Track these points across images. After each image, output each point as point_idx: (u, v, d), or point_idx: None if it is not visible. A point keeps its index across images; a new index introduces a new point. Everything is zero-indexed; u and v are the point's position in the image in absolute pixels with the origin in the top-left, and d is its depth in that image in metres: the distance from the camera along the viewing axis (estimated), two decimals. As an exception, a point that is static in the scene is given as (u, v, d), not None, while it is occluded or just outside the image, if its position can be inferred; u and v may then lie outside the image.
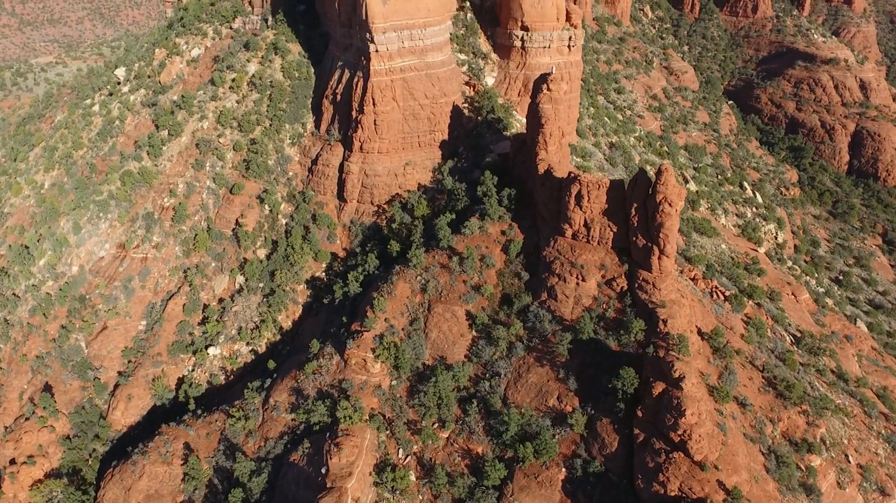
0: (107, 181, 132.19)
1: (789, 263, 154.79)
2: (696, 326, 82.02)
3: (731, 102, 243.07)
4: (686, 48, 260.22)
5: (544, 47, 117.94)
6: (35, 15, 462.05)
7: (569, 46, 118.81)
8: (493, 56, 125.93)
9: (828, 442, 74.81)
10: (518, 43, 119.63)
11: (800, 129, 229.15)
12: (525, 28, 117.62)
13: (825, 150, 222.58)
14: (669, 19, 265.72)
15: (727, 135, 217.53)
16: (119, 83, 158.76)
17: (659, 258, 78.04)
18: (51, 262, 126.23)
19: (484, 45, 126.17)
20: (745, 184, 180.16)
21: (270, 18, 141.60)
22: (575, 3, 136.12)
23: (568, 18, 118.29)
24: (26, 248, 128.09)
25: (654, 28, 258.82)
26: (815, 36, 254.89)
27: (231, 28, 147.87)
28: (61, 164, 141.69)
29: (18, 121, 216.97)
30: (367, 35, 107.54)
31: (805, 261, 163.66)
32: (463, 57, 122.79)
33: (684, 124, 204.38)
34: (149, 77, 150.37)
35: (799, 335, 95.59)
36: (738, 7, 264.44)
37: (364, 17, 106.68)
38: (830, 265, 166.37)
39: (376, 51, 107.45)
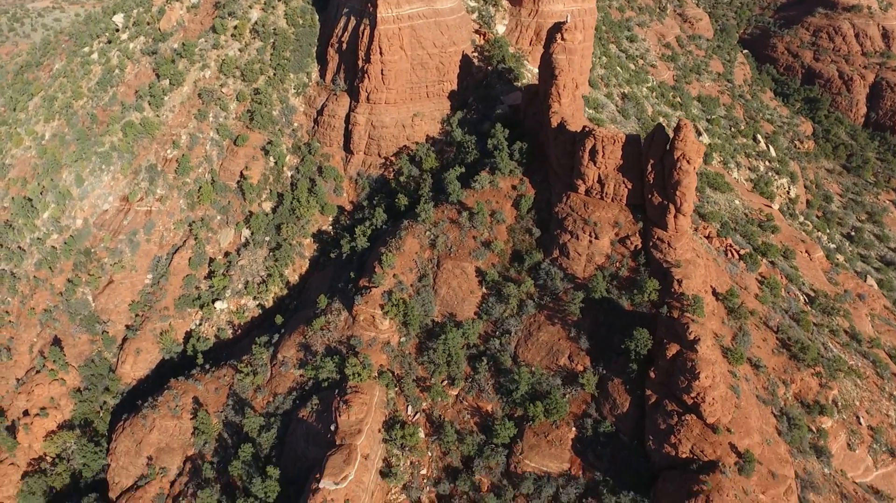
0: (108, 132, 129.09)
1: (801, 219, 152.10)
2: (711, 286, 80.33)
3: (746, 51, 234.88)
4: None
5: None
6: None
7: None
8: (504, 3, 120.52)
9: (839, 404, 74.03)
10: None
11: (816, 80, 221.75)
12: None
13: (842, 102, 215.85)
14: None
15: (741, 85, 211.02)
16: (118, 30, 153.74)
17: (675, 216, 75.52)
18: (54, 215, 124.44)
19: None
20: (759, 136, 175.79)
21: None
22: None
23: None
24: (29, 200, 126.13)
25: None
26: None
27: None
28: (61, 114, 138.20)
29: (16, 69, 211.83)
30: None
31: (817, 217, 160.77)
32: (473, 4, 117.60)
33: (697, 74, 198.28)
34: (148, 24, 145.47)
35: (813, 295, 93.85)
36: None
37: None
38: (843, 221, 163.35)
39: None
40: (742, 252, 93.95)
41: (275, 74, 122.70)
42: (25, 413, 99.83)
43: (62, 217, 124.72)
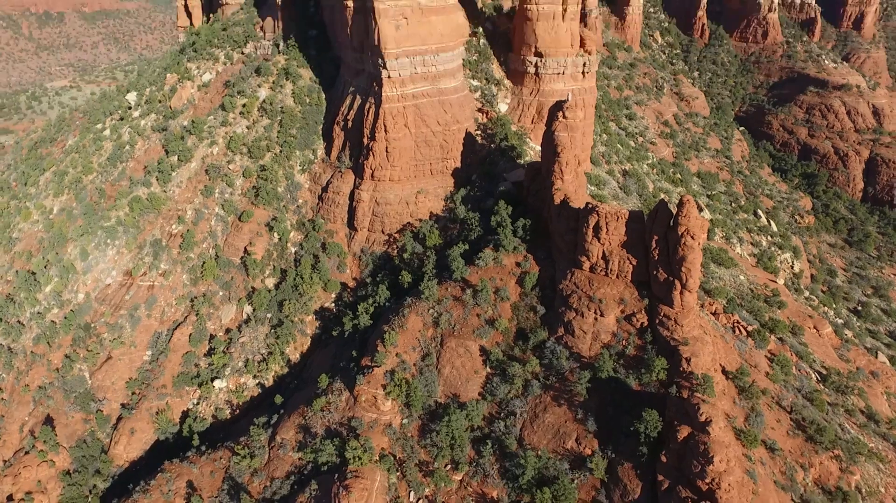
0: (115, 207, 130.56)
1: (807, 293, 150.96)
2: (720, 364, 78.45)
3: (742, 128, 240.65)
4: (696, 74, 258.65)
5: (558, 73, 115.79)
6: (52, 40, 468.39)
7: (583, 73, 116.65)
8: (507, 82, 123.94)
9: (864, 490, 70.56)
10: (532, 69, 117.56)
11: (812, 156, 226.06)
12: (539, 54, 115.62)
13: (839, 177, 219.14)
14: (679, 45, 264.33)
15: (739, 161, 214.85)
16: (130, 108, 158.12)
17: (681, 293, 74.56)
18: (57, 289, 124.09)
19: (497, 71, 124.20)
20: (760, 211, 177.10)
21: (282, 43, 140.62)
22: (587, 29, 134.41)
23: (582, 44, 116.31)
24: (33, 274, 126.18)
25: (665, 54, 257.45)
26: (826, 62, 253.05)
27: (242, 53, 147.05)
28: (71, 188, 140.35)
29: (31, 144, 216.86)
30: (380, 60, 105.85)
31: (822, 292, 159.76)
32: (476, 83, 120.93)
33: (696, 151, 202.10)
34: (160, 102, 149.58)
35: (825, 372, 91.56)
36: (748, 33, 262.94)
37: (377, 43, 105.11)
38: (848, 295, 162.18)
39: (388, 76, 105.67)
40: (750, 328, 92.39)
41: (281, 151, 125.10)
42: (10, 499, 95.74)
43: (64, 291, 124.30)
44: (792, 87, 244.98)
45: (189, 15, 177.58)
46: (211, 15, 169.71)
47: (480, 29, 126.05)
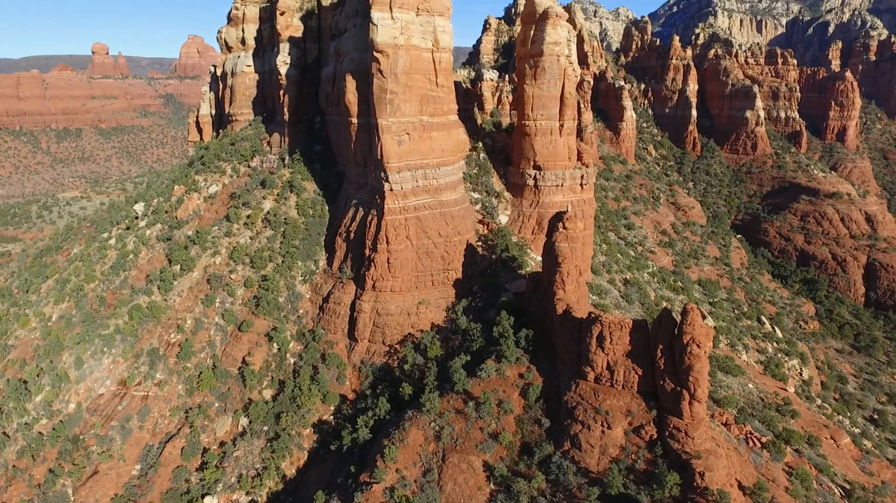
0: (115, 315, 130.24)
1: (818, 402, 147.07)
2: (736, 479, 74.91)
3: (739, 236, 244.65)
4: (691, 184, 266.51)
5: (557, 185, 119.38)
6: (68, 153, 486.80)
7: (581, 184, 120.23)
8: (507, 194, 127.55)
9: None
10: (531, 182, 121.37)
11: (811, 262, 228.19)
12: (538, 167, 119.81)
13: (839, 283, 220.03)
14: (672, 157, 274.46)
15: (739, 268, 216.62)
16: (137, 217, 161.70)
17: (690, 403, 72.54)
18: (48, 399, 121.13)
19: (497, 183, 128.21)
20: (763, 318, 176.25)
21: (287, 158, 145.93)
22: (584, 143, 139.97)
23: (579, 158, 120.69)
24: (24, 383, 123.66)
25: (659, 166, 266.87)
26: (816, 171, 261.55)
27: (249, 167, 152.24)
28: (72, 296, 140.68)
29: (36, 252, 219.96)
30: (382, 174, 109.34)
31: (835, 399, 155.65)
32: (476, 195, 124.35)
33: (695, 259, 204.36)
34: (166, 212, 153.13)
35: (849, 487, 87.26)
36: (738, 145, 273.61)
37: (379, 157, 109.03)
38: (862, 403, 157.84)
39: (391, 189, 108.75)
40: (764, 440, 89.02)
41: (283, 262, 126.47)
42: None
43: (55, 401, 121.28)
44: (785, 196, 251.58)
45: (200, 130, 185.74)
46: (221, 130, 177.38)
47: (480, 144, 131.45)
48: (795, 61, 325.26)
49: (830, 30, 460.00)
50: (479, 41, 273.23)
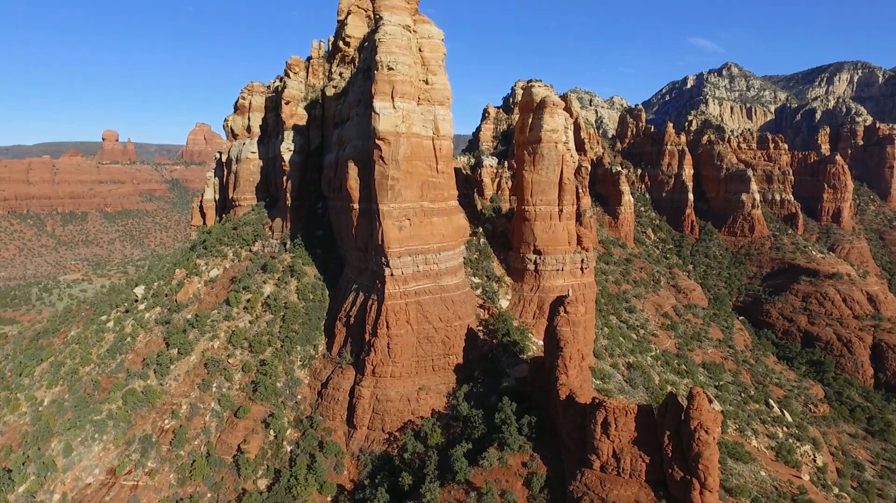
0: (108, 399, 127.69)
1: (836, 490, 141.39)
2: (753, 580, 71.12)
3: (742, 318, 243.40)
4: (691, 267, 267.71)
5: (557, 270, 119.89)
6: (72, 236, 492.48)
7: (582, 268, 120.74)
8: (507, 279, 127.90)
9: None
10: (531, 266, 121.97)
11: (816, 343, 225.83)
12: (538, 252, 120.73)
13: (847, 364, 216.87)
14: (671, 240, 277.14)
15: (743, 351, 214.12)
16: (136, 300, 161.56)
17: (701, 493, 69.58)
18: (31, 489, 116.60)
19: (497, 268, 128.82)
20: (771, 401, 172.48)
21: (289, 242, 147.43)
22: (583, 227, 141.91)
23: (579, 242, 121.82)
24: (8, 471, 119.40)
25: (658, 249, 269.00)
26: (814, 252, 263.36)
27: (251, 251, 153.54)
28: (66, 380, 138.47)
29: (33, 335, 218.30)
30: (383, 259, 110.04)
31: (853, 488, 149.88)
32: (477, 280, 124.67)
33: (699, 341, 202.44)
34: (166, 296, 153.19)
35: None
36: (736, 228, 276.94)
37: (380, 243, 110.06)
38: (882, 491, 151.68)
39: (391, 274, 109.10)
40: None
41: (282, 346, 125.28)
42: None
43: (39, 491, 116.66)
44: (785, 277, 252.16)
45: (203, 215, 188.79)
46: (224, 215, 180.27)
47: (481, 229, 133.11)
48: (787, 146, 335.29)
49: (818, 116, 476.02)
50: (478, 129, 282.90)
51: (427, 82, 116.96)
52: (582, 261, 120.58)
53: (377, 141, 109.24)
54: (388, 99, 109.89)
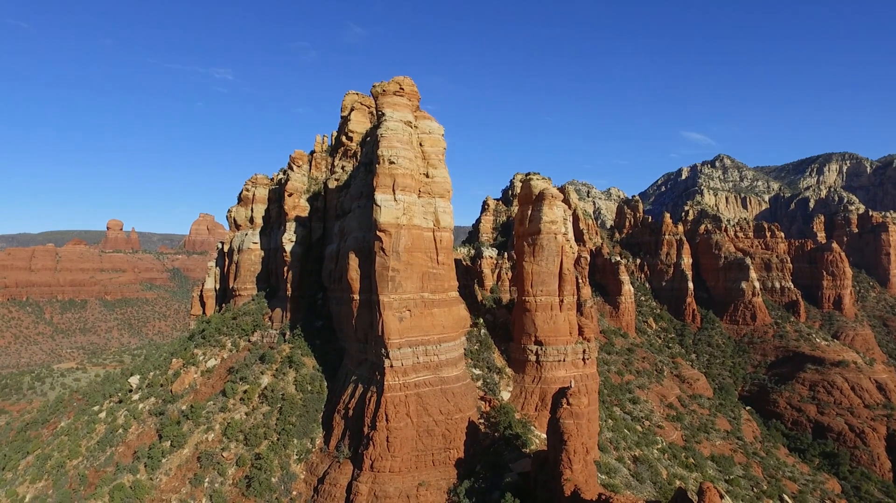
0: (95, 495, 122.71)
1: None
2: None
3: (749, 408, 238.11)
4: (694, 356, 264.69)
5: (559, 361, 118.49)
6: (70, 324, 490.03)
7: (584, 359, 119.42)
8: (508, 370, 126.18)
9: None
10: (533, 357, 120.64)
11: (828, 434, 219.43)
12: (539, 342, 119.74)
13: (862, 456, 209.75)
14: (673, 329, 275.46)
15: (753, 442, 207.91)
16: (131, 391, 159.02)
17: None
18: None
19: (498, 359, 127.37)
20: (786, 496, 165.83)
21: (288, 332, 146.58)
22: (584, 317, 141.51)
23: (581, 332, 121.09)
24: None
25: (660, 338, 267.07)
26: (818, 339, 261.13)
27: (249, 341, 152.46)
28: (51, 474, 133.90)
29: (21, 426, 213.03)
30: (383, 350, 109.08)
31: None
32: (478, 372, 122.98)
33: (706, 433, 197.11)
34: (161, 386, 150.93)
35: None
36: (737, 316, 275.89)
37: (380, 334, 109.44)
38: None
39: (391, 366, 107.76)
40: None
41: (278, 439, 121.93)
42: None
43: None
44: (790, 366, 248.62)
45: (203, 304, 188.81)
46: (224, 305, 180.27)
47: (481, 320, 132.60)
48: (783, 234, 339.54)
49: (811, 205, 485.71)
50: (478, 220, 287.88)
51: (428, 175, 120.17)
52: (584, 351, 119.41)
53: (378, 232, 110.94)
54: (389, 191, 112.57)
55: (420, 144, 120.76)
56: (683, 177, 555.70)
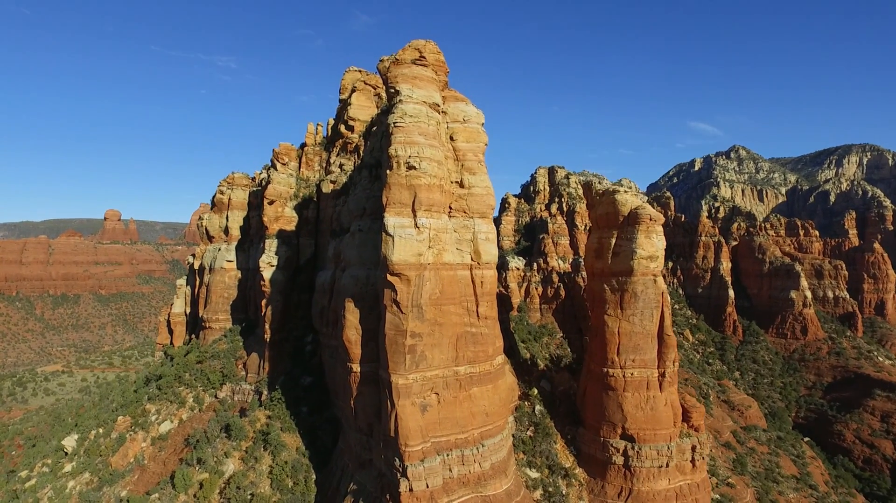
0: None
1: None
2: None
3: (807, 439, 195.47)
4: (738, 374, 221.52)
5: (659, 467, 73.99)
6: (62, 320, 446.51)
7: (692, 461, 75.35)
8: (578, 472, 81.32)
9: None
10: (619, 459, 75.86)
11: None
12: (629, 438, 75.29)
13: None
14: (712, 342, 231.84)
15: (827, 491, 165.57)
16: (66, 454, 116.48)
17: None
18: None
19: (562, 453, 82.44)
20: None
21: (265, 392, 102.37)
22: (688, 396, 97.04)
23: (686, 418, 77.00)
24: None
25: (699, 353, 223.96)
26: (881, 359, 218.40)
27: (216, 398, 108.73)
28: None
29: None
30: (397, 461, 65.26)
31: None
32: (534, 474, 78.20)
33: (775, 482, 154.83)
34: (100, 455, 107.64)
35: None
36: (785, 329, 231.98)
37: (393, 433, 65.55)
38: None
39: (410, 490, 63.72)
40: None
41: (241, 579, 78.45)
42: None
43: None
44: (853, 390, 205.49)
45: (171, 332, 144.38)
46: (194, 336, 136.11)
47: (535, 390, 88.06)
48: (818, 232, 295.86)
49: (832, 198, 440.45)
50: (496, 222, 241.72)
51: (462, 185, 75.81)
52: (693, 448, 75.61)
53: (390, 276, 66.66)
54: (407, 212, 68.16)
55: (451, 138, 76.24)
56: (696, 168, 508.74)
